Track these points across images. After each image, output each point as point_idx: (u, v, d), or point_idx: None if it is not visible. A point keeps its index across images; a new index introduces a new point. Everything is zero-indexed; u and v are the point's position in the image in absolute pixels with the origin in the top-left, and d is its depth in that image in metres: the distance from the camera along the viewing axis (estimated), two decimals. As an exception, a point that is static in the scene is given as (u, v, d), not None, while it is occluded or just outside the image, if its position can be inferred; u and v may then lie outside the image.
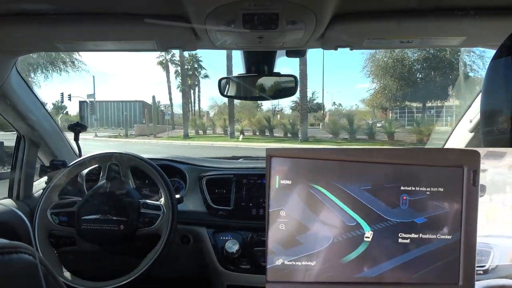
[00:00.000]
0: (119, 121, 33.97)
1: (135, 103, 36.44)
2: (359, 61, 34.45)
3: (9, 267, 0.33)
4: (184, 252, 1.29)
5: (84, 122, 32.14)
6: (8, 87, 1.07)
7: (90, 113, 24.42)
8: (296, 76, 1.13)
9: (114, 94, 77.95)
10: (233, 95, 1.16)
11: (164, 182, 1.11)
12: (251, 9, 0.72)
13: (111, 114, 36.67)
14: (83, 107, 23.87)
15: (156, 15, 0.78)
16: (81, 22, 0.81)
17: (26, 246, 0.35)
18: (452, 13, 0.76)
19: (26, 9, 0.77)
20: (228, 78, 1.15)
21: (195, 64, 28.84)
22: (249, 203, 1.26)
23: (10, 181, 1.26)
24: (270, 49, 1.01)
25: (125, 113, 30.83)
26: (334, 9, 0.74)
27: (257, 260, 1.19)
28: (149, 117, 21.96)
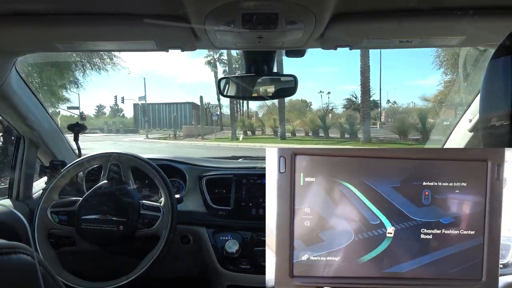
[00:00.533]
0: (170, 122, 33.94)
1: (185, 104, 36.36)
2: (422, 55, 31.56)
3: (8, 268, 0.33)
4: (184, 252, 1.29)
5: (137, 124, 32.37)
6: (8, 88, 1.07)
7: (142, 115, 24.84)
8: (296, 76, 1.13)
9: (165, 96, 77.35)
10: (233, 95, 1.16)
11: (164, 182, 1.11)
12: (251, 9, 0.72)
13: (163, 116, 36.81)
14: (136, 109, 23.97)
15: (155, 15, 0.78)
16: (80, 22, 0.81)
17: (24, 247, 0.35)
18: (451, 13, 0.76)
19: (25, 9, 0.77)
20: (227, 78, 1.15)
21: (243, 62, 26.75)
22: (249, 203, 1.25)
23: (10, 181, 1.26)
24: (269, 49, 1.01)
25: (174, 114, 30.42)
26: (334, 9, 0.74)
27: (257, 260, 1.19)
28: (197, 118, 21.67)
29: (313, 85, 40.78)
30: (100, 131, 31.31)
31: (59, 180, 1.13)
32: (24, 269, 0.34)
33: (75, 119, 30.51)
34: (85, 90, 14.25)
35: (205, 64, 26.39)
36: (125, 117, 36.24)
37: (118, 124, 34.49)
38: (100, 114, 43.33)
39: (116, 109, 36.71)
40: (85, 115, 20.15)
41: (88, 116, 36.63)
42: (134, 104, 23.70)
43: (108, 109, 38.38)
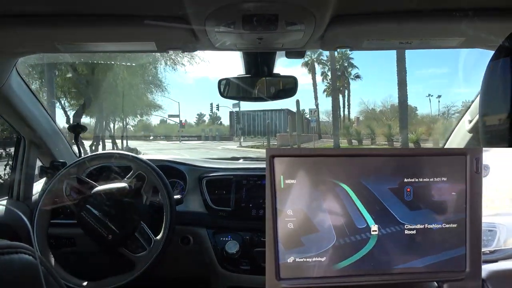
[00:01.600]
0: (264, 130, 32.37)
1: (280, 111, 34.07)
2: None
3: (10, 268, 0.33)
4: (184, 253, 1.29)
5: (232, 131, 32.25)
6: (8, 89, 1.08)
7: (236, 122, 24.71)
8: (295, 77, 1.13)
9: (258, 103, 76.67)
10: (233, 96, 1.17)
11: (163, 183, 1.11)
12: (251, 10, 0.72)
13: (257, 123, 35.44)
14: (232, 117, 23.90)
15: (156, 17, 0.78)
16: (81, 24, 0.81)
17: (26, 247, 0.35)
18: (451, 15, 0.76)
19: (26, 10, 0.77)
20: (228, 79, 1.15)
21: (345, 62, 23.59)
22: (249, 204, 1.26)
23: (10, 181, 1.26)
24: (269, 50, 1.01)
25: (268, 121, 28.90)
26: (333, 10, 0.74)
27: (257, 261, 1.19)
28: (293, 125, 20.19)
29: (416, 87, 38.43)
30: (198, 138, 31.53)
31: (59, 180, 1.13)
32: (26, 269, 0.34)
33: (175, 127, 26.76)
34: (169, 93, 15.02)
35: (301, 66, 23.58)
36: (223, 124, 35.93)
37: (214, 131, 34.22)
38: (200, 122, 43.48)
39: (214, 117, 36.55)
40: (185, 122, 20.09)
41: (189, 124, 35.86)
42: (230, 112, 23.70)
43: (208, 117, 38.68)
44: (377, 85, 39.00)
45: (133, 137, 32.03)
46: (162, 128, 33.77)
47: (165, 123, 30.79)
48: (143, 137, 32.19)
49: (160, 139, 31.92)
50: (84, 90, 9.13)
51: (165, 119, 25.13)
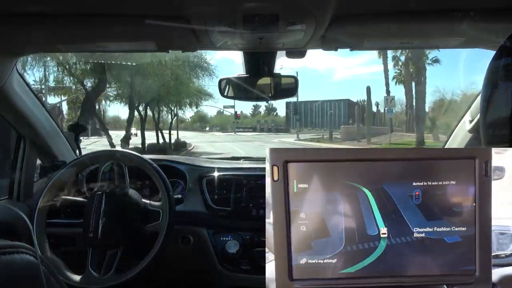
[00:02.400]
0: (322, 121, 31.52)
1: (339, 102, 33.13)
2: None
3: (10, 268, 0.33)
4: (184, 253, 1.29)
5: (289, 123, 31.20)
6: (9, 88, 1.07)
7: (293, 113, 23.06)
8: (296, 77, 1.14)
9: (314, 94, 69.79)
10: (234, 95, 1.17)
11: (163, 182, 1.10)
12: (251, 10, 0.72)
13: (315, 115, 34.35)
14: (288, 107, 22.50)
15: (156, 16, 0.78)
16: (81, 23, 0.81)
17: (27, 246, 0.35)
18: (451, 14, 0.76)
19: (27, 10, 0.77)
20: (228, 78, 1.15)
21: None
22: (249, 204, 1.26)
23: (10, 181, 1.26)
24: (270, 50, 1.01)
25: (330, 112, 26.34)
26: (334, 10, 0.74)
27: (257, 261, 1.19)
28: (360, 117, 17.29)
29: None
30: (253, 130, 30.93)
31: (58, 178, 1.13)
32: (27, 269, 0.34)
33: (231, 118, 25.20)
34: (217, 77, 13.95)
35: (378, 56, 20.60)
36: (278, 115, 35.41)
37: (270, 123, 33.42)
38: (256, 113, 42.38)
39: (270, 108, 36.28)
40: (240, 113, 19.41)
41: (244, 115, 35.42)
42: (286, 102, 22.84)
43: (263, 108, 37.55)
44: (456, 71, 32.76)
45: (190, 128, 30.17)
46: (218, 119, 32.96)
47: (221, 114, 30.16)
48: (199, 127, 31.93)
49: (215, 130, 31.69)
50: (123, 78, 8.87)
51: (221, 110, 24.65)
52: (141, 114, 10.85)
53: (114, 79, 9.40)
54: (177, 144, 13.10)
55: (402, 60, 19.72)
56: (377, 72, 24.54)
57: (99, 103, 12.69)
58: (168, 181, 1.12)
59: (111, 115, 20.84)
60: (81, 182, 1.30)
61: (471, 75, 16.96)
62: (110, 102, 11.25)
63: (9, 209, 1.15)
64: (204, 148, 13.85)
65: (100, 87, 9.47)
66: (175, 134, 14.60)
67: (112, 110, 48.95)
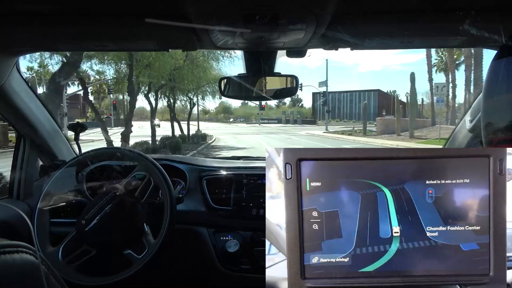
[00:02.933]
0: (351, 113, 30.29)
1: (370, 92, 31.32)
2: None
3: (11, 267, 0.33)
4: (184, 252, 1.29)
5: (316, 115, 30.04)
6: (9, 87, 1.07)
7: (322, 104, 21.86)
8: (296, 76, 1.13)
9: (340, 85, 66.07)
10: (234, 95, 1.16)
11: (165, 181, 1.10)
12: (252, 9, 0.72)
13: (343, 106, 32.58)
14: (315, 98, 21.04)
15: (157, 15, 0.78)
16: (82, 22, 0.81)
17: (27, 246, 0.35)
18: (452, 14, 0.76)
19: (27, 8, 0.77)
20: (228, 78, 1.15)
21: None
22: (250, 203, 1.25)
23: (11, 180, 1.26)
24: (270, 49, 1.01)
25: (365, 102, 23.59)
26: (335, 10, 0.74)
27: (258, 260, 1.19)
28: (401, 108, 15.64)
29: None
30: (278, 121, 30.08)
31: (59, 177, 1.13)
32: (27, 269, 0.34)
33: (255, 109, 26.24)
34: (239, 59, 13.21)
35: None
36: (304, 107, 34.40)
37: (295, 114, 32.05)
38: (280, 104, 41.65)
39: (296, 99, 35.70)
40: (264, 105, 18.62)
41: (269, 106, 34.37)
42: (313, 93, 22.08)
43: (288, 99, 37.15)
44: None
45: (214, 119, 29.49)
46: (242, 110, 32.73)
47: (245, 105, 29.98)
48: (223, 119, 31.19)
49: (239, 121, 31.24)
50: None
51: (245, 101, 23.62)
52: (151, 102, 9.90)
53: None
54: (196, 136, 12.24)
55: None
56: (410, 63, 23.94)
57: (123, 93, 11.89)
58: (170, 180, 1.12)
59: (137, 106, 20.67)
60: (81, 181, 1.30)
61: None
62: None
63: (10, 208, 1.15)
64: (226, 141, 13.05)
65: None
66: (197, 125, 13.99)
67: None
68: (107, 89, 15.69)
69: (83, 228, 1.03)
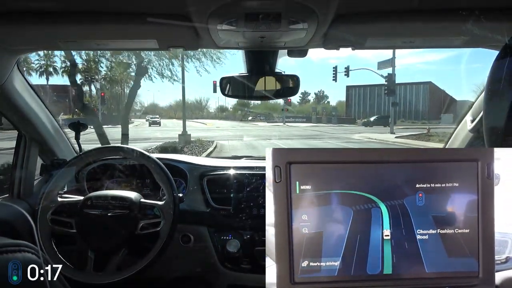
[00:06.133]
0: (410, 110, 24.76)
1: (418, 85, 26.30)
2: None
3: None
4: (184, 252, 1.29)
5: (350, 111, 25.62)
6: (10, 86, 1.07)
7: (385, 93, 18.17)
8: (297, 76, 1.13)
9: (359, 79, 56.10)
10: (235, 94, 1.16)
11: (168, 180, 1.10)
12: (254, 8, 0.72)
13: (404, 101, 26.19)
14: (350, 93, 18.91)
15: (158, 14, 0.78)
16: (83, 21, 0.81)
17: (29, 245, 0.35)
18: (454, 14, 0.76)
19: (28, 7, 0.77)
20: (229, 77, 1.15)
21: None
22: (250, 203, 1.25)
23: (11, 179, 1.26)
24: (272, 49, 1.01)
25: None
26: (337, 9, 0.74)
27: (258, 260, 1.19)
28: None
29: None
30: (307, 120, 25.21)
31: (61, 176, 1.13)
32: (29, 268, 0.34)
33: (277, 106, 22.90)
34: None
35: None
36: (330, 104, 30.45)
37: (329, 110, 26.56)
38: (304, 101, 37.93)
39: (321, 95, 32.53)
40: (290, 99, 16.45)
41: (292, 104, 30.29)
42: (347, 86, 18.62)
43: (313, 95, 34.29)
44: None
45: (231, 117, 25.85)
46: (263, 106, 27.96)
47: (266, 102, 24.37)
48: (241, 116, 27.16)
49: (259, 119, 26.29)
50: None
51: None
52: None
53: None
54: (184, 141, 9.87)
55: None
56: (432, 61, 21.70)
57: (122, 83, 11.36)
58: (173, 180, 1.12)
59: (150, 102, 18.52)
60: (82, 180, 1.30)
61: None
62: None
63: (10, 207, 1.15)
64: (236, 149, 9.65)
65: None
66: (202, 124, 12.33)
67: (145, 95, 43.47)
68: (91, 77, 13.61)
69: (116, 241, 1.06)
